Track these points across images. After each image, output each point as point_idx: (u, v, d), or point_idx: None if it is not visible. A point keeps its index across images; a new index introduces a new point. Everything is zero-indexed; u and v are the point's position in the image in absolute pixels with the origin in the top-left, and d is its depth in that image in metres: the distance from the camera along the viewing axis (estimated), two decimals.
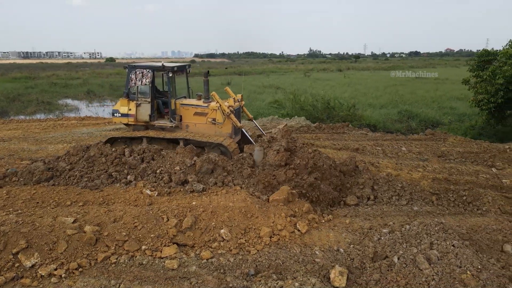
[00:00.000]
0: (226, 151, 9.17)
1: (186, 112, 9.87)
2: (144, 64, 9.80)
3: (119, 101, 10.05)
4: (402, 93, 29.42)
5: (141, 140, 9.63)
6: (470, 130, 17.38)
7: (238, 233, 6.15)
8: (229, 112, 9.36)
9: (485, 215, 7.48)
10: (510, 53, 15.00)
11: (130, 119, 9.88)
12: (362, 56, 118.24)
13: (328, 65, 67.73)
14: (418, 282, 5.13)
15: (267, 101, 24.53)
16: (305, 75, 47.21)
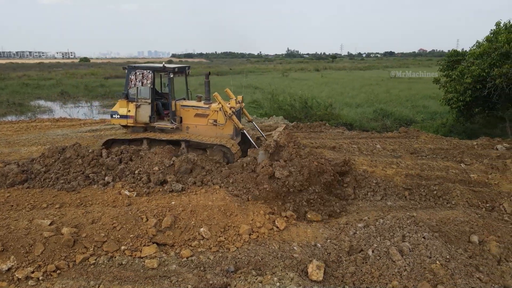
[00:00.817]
0: (229, 152, 9.11)
1: (186, 113, 9.74)
2: (144, 65, 9.68)
3: (118, 102, 9.85)
4: (377, 93, 30.15)
5: (140, 142, 9.51)
6: (441, 128, 18.04)
7: (218, 231, 6.23)
8: (231, 113, 9.29)
9: (454, 208, 7.84)
10: (477, 54, 15.64)
11: (129, 121, 9.69)
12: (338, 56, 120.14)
13: (305, 65, 68.51)
14: (391, 273, 5.37)
15: (246, 101, 24.59)
16: (283, 75, 47.64)
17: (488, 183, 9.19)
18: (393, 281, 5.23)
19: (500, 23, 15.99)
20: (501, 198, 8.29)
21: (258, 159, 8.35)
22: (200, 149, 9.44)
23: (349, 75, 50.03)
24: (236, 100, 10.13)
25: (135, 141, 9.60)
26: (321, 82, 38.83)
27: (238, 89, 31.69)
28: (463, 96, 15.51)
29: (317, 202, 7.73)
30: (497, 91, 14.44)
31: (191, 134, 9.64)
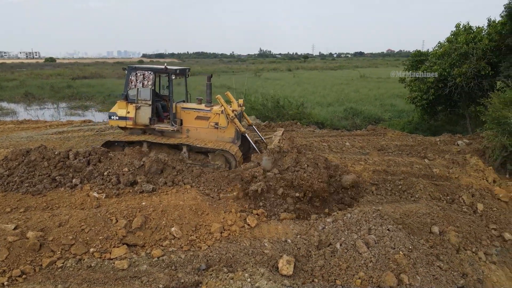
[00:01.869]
0: (232, 158, 9.03)
1: (187, 116, 9.57)
2: (145, 66, 9.47)
3: (117, 103, 9.59)
4: (347, 92, 30.89)
5: (139, 145, 9.28)
6: (407, 125, 18.75)
7: (189, 230, 6.26)
8: (233, 116, 9.21)
9: (417, 201, 8.21)
10: (439, 54, 16.38)
11: (128, 122, 9.44)
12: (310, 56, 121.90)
13: (278, 65, 69.08)
14: (357, 265, 5.58)
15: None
16: (255, 75, 47.84)
17: (449, 177, 9.67)
18: (359, 272, 5.45)
19: (459, 24, 16.81)
20: (461, 191, 8.75)
21: (262, 164, 8.24)
22: (201, 153, 9.32)
23: (321, 75, 50.91)
24: (238, 103, 10.05)
25: (134, 143, 9.36)
26: (293, 82, 39.32)
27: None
28: (426, 95, 16.21)
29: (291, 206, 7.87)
30: (458, 89, 15.19)
31: (191, 137, 9.50)
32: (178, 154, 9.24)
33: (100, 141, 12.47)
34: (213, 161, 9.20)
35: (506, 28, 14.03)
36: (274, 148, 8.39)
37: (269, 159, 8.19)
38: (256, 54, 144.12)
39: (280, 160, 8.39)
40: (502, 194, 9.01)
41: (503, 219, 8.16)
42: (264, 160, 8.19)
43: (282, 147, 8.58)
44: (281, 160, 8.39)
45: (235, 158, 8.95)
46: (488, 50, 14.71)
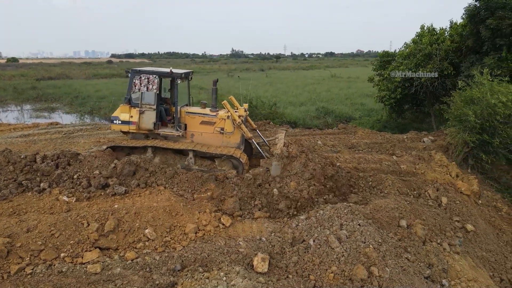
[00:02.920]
0: (239, 163, 8.96)
1: (191, 120, 9.37)
2: (150, 69, 9.19)
3: (119, 107, 9.28)
4: (319, 91, 31.41)
5: (143, 150, 9.07)
6: (377, 124, 19.34)
7: (163, 232, 6.23)
8: (240, 122, 9.10)
9: (386, 196, 8.52)
10: (405, 54, 17.00)
11: (131, 127, 9.16)
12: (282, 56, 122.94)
13: (250, 65, 69.24)
14: (330, 260, 5.75)
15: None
16: (228, 75, 47.76)
17: (416, 173, 10.09)
18: (332, 267, 5.62)
19: (424, 26, 17.51)
20: (426, 185, 9.16)
21: (271, 170, 8.21)
22: (206, 158, 9.20)
23: (293, 75, 51.48)
24: (244, 109, 9.94)
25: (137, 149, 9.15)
26: (265, 81, 39.55)
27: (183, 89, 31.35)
28: (394, 94, 16.78)
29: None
30: (423, 89, 15.82)
31: (196, 142, 9.34)
32: (184, 160, 9.11)
33: (69, 143, 12.13)
34: (220, 167, 9.10)
35: (466, 29, 14.75)
36: (283, 153, 8.39)
37: (278, 164, 8.18)
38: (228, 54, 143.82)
39: (289, 165, 8.42)
40: (464, 188, 9.51)
41: (465, 211, 8.62)
42: (274, 165, 8.18)
43: (290, 152, 8.55)
44: (290, 165, 8.42)
45: (243, 164, 8.93)
46: (450, 51, 15.41)
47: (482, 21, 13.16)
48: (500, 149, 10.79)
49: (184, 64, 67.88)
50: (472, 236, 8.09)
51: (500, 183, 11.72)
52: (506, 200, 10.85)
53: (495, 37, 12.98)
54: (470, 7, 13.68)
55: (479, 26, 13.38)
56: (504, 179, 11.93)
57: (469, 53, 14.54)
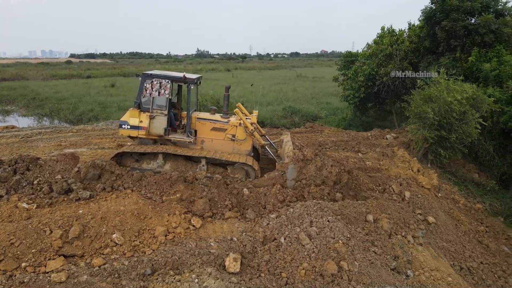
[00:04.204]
0: (252, 170, 8.91)
1: (202, 126, 9.18)
2: (162, 74, 8.83)
3: (128, 111, 8.88)
4: (285, 91, 31.78)
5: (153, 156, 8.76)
6: (342, 122, 19.85)
7: (132, 236, 6.06)
8: (253, 130, 9.05)
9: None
10: (367, 55, 17.58)
11: (141, 132, 8.81)
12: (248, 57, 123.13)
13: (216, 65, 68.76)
14: (301, 256, 5.83)
15: None
16: None
17: (380, 169, 10.44)
18: (303, 263, 5.70)
19: (384, 27, 18.16)
20: (390, 181, 9.51)
21: (288, 173, 8.19)
22: (218, 166, 9.07)
23: (259, 75, 51.76)
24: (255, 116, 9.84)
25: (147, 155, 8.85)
26: (232, 81, 39.45)
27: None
28: (358, 93, 17.30)
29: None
30: (385, 87, 16.42)
31: (206, 148, 9.18)
32: (196, 167, 8.93)
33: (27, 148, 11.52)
34: (233, 174, 9.02)
35: (423, 31, 15.46)
36: (298, 156, 8.41)
37: (295, 167, 8.19)
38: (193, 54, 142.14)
39: (304, 168, 8.47)
40: (425, 182, 9.96)
41: (426, 204, 9.03)
42: (290, 168, 8.19)
43: (305, 154, 8.58)
44: (305, 168, 8.47)
45: (256, 172, 8.92)
46: (409, 51, 16.11)
47: (437, 23, 13.85)
48: (457, 145, 11.39)
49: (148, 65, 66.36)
50: (433, 228, 8.49)
51: (457, 176, 12.39)
52: (462, 193, 11.49)
53: (449, 38, 13.70)
54: (426, 9, 14.35)
55: (435, 27, 14.08)
56: (460, 172, 12.62)
57: (427, 54, 15.26)
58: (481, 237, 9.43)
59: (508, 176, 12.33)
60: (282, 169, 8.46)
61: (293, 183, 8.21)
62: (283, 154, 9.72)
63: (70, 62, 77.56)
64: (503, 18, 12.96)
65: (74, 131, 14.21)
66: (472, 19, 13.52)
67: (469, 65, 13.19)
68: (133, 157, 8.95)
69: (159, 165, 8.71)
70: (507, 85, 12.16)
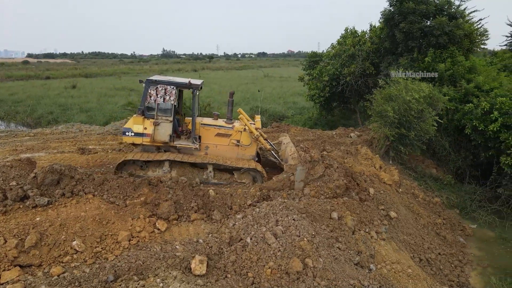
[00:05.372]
0: (259, 175, 8.91)
1: (206, 132, 9.12)
2: (167, 80, 8.59)
3: (132, 118, 8.59)
4: (253, 91, 31.87)
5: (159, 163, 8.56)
6: (308, 121, 20.19)
7: (93, 242, 5.87)
8: (258, 135, 9.06)
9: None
10: (331, 55, 17.98)
11: (145, 139, 8.62)
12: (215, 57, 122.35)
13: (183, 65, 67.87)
14: (267, 256, 5.88)
15: (120, 104, 23.32)
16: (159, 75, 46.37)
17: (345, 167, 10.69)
18: (269, 262, 5.75)
19: (348, 28, 18.64)
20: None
21: (296, 175, 8.18)
22: (225, 171, 8.99)
23: (227, 75, 51.64)
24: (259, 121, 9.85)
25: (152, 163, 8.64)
26: None
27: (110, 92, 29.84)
28: (323, 92, 17.66)
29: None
30: (348, 87, 16.87)
31: (210, 154, 9.10)
32: (202, 173, 8.85)
33: None
34: (240, 180, 9.00)
35: (383, 32, 16.01)
36: (306, 158, 8.50)
37: (303, 169, 8.21)
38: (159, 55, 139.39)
39: (312, 169, 8.54)
40: (387, 178, 10.32)
41: (388, 200, 9.37)
42: (299, 170, 8.19)
43: (313, 156, 8.69)
44: (313, 169, 8.55)
45: (262, 175, 8.92)
46: (371, 52, 16.63)
47: (396, 25, 14.40)
48: (416, 142, 11.90)
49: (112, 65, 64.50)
50: (395, 222, 8.82)
51: (416, 172, 12.95)
52: (422, 187, 12.02)
53: (407, 39, 14.28)
54: (385, 11, 14.88)
55: (394, 29, 14.61)
56: (420, 168, 13.20)
57: (387, 54, 15.82)
58: (439, 229, 9.91)
59: (462, 170, 13.02)
60: (291, 171, 8.55)
61: (302, 185, 8.31)
62: (284, 156, 9.85)
63: (27, 62, 73.92)
64: (456, 20, 13.65)
65: (31, 135, 13.58)
66: (428, 22, 14.14)
67: (426, 65, 13.81)
68: (137, 165, 8.78)
69: (165, 172, 8.62)
70: (460, 84, 12.86)
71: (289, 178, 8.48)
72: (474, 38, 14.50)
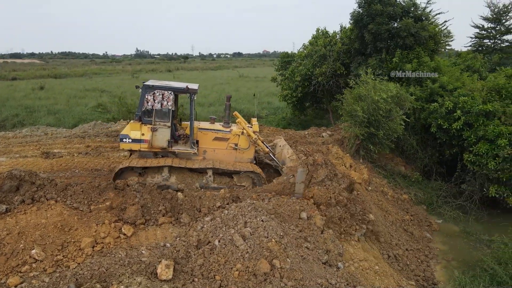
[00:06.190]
0: (258, 177, 8.89)
1: (204, 137, 9.09)
2: (164, 85, 8.37)
3: (129, 124, 8.38)
4: (228, 91, 31.76)
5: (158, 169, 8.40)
6: (282, 121, 20.31)
7: (54, 250, 5.68)
8: (256, 138, 9.08)
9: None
10: (303, 55, 18.15)
11: (143, 145, 8.47)
12: (190, 57, 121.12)
13: (157, 66, 66.75)
14: (235, 258, 5.84)
15: (90, 105, 22.71)
16: (133, 76, 45.50)
17: None
18: (237, 265, 5.72)
19: (319, 29, 18.87)
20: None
21: (297, 177, 8.14)
22: (224, 175, 8.90)
23: (201, 75, 51.20)
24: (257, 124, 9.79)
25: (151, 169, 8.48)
26: None
27: (81, 93, 29.01)
28: (295, 93, 17.80)
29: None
30: (320, 87, 17.07)
31: (208, 159, 9.07)
32: (202, 178, 8.78)
33: None
34: (239, 183, 8.98)
35: (353, 33, 16.29)
36: (307, 160, 8.53)
37: (304, 170, 8.17)
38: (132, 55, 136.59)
39: (315, 172, 8.53)
40: (356, 177, 10.49)
41: (358, 198, 9.52)
42: (299, 172, 8.14)
43: (316, 159, 8.67)
44: (316, 172, 8.54)
45: (262, 178, 8.89)
46: (341, 53, 16.89)
47: (365, 26, 14.68)
48: (384, 140, 12.19)
49: (82, 65, 62.77)
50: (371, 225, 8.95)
51: (386, 170, 13.25)
52: (391, 185, 12.32)
53: (376, 40, 14.59)
54: (354, 13, 15.14)
55: (363, 30, 14.90)
56: (389, 166, 13.52)
57: (357, 55, 16.11)
58: (406, 225, 10.18)
59: (429, 167, 13.43)
60: (291, 172, 8.56)
61: (302, 186, 8.31)
62: (281, 158, 9.90)
63: None
64: (421, 22, 14.07)
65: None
66: (395, 23, 14.51)
67: (394, 65, 14.16)
68: (135, 172, 8.60)
69: (165, 178, 8.50)
70: (426, 84, 13.25)
71: (290, 180, 8.51)
72: (439, 40, 15.00)
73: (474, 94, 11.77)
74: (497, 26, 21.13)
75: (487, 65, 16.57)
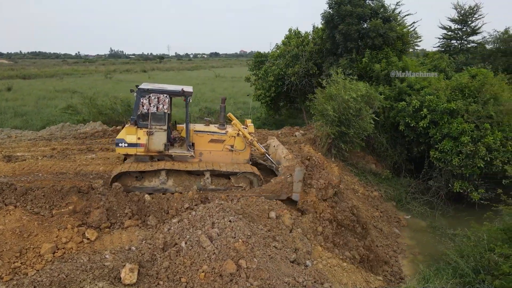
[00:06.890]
0: (255, 177, 8.89)
1: (200, 139, 9.03)
2: (159, 89, 8.40)
3: (124, 128, 8.09)
4: (203, 91, 31.53)
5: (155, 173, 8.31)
6: (256, 121, 20.28)
7: (12, 257, 5.47)
8: (252, 139, 9.13)
9: None
10: (276, 55, 18.23)
11: (139, 149, 8.34)
12: (166, 57, 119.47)
13: (132, 66, 65.51)
14: (201, 259, 5.80)
15: (60, 107, 22.03)
16: (106, 76, 44.48)
17: None
18: (203, 266, 5.68)
19: (291, 29, 18.99)
20: None
21: (295, 176, 8.27)
22: (221, 177, 8.91)
23: (178, 75, 50.65)
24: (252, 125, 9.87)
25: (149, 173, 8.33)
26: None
27: (50, 94, 28.13)
28: (268, 92, 17.85)
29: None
30: (293, 87, 17.18)
31: (205, 161, 9.01)
32: (200, 180, 8.69)
33: None
34: (237, 184, 8.94)
35: (325, 34, 16.48)
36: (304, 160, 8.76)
37: (301, 169, 8.27)
38: (106, 55, 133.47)
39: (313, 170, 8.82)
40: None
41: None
42: (297, 170, 8.24)
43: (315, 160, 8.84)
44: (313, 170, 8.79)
45: (260, 178, 8.92)
46: (314, 53, 17.05)
47: (335, 26, 14.88)
48: (355, 139, 12.40)
49: (53, 65, 60.88)
50: None
51: (358, 168, 13.48)
52: (362, 182, 12.54)
53: (346, 41, 14.82)
54: (325, 13, 15.32)
55: (334, 31, 15.10)
56: (361, 164, 13.76)
57: (328, 55, 16.31)
58: (376, 222, 10.38)
59: (399, 164, 13.76)
60: (289, 172, 8.59)
61: (300, 185, 8.42)
62: (276, 158, 9.91)
63: None
64: (390, 23, 14.39)
65: None
66: (364, 24, 14.77)
67: (363, 65, 14.42)
68: (132, 176, 8.35)
69: (162, 181, 8.32)
70: (395, 83, 13.57)
71: (287, 179, 8.58)
72: (407, 40, 15.38)
73: (439, 93, 12.14)
74: (463, 27, 21.84)
75: (453, 65, 17.08)
